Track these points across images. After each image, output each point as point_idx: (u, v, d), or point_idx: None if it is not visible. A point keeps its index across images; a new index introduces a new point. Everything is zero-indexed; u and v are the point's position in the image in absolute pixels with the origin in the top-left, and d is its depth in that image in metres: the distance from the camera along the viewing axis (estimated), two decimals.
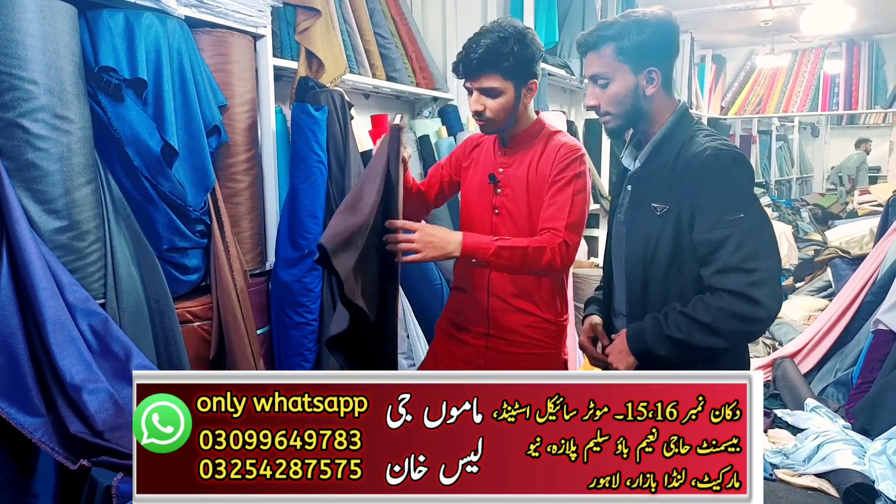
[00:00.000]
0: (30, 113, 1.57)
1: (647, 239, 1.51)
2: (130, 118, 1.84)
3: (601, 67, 1.52)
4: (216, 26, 2.17)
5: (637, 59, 1.49)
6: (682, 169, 1.46)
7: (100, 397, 1.53)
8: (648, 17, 1.49)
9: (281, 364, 2.56)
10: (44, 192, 1.61)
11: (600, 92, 1.54)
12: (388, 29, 3.15)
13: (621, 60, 1.50)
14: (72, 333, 1.58)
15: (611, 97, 1.53)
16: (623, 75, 1.51)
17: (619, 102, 1.53)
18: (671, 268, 1.49)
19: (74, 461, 1.48)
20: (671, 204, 1.48)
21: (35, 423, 1.50)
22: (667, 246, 1.48)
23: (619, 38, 1.49)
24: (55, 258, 1.62)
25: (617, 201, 1.70)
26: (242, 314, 2.14)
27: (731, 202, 1.40)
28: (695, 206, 1.44)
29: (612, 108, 1.54)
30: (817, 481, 2.91)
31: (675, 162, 1.49)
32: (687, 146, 1.49)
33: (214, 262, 2.11)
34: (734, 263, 1.38)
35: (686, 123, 1.55)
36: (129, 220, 1.87)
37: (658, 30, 1.49)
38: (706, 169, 1.42)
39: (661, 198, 1.50)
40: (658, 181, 1.52)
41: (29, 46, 1.56)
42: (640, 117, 1.55)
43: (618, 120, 1.55)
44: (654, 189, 1.52)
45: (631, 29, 1.48)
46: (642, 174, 1.57)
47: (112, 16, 1.83)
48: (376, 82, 3.02)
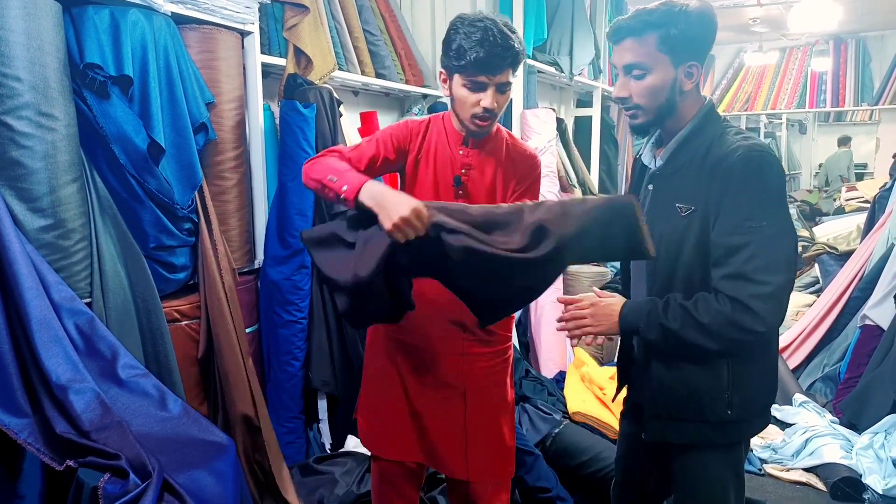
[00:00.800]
0: (14, 110, 1.55)
1: (670, 240, 1.46)
2: (116, 115, 1.82)
3: (640, 57, 1.42)
4: (203, 23, 2.15)
5: (680, 51, 1.41)
6: (710, 169, 1.40)
7: (86, 397, 1.52)
8: (692, 7, 1.40)
9: (270, 362, 2.55)
10: (28, 191, 1.59)
11: (634, 83, 1.44)
12: (376, 26, 3.14)
13: (663, 51, 1.41)
14: (57, 333, 1.56)
15: (646, 89, 1.44)
16: (663, 67, 1.42)
17: (654, 96, 1.44)
18: (696, 270, 1.44)
19: (60, 462, 1.46)
20: (697, 205, 1.42)
21: (20, 423, 1.48)
22: (691, 248, 1.44)
23: (664, 27, 1.39)
24: (40, 257, 1.60)
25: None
26: (231, 313, 2.13)
27: (754, 208, 1.35)
28: (719, 208, 1.39)
29: (645, 102, 1.45)
30: (805, 475, 2.93)
31: (704, 161, 1.43)
32: (717, 145, 1.43)
33: (202, 261, 2.09)
34: (745, 272, 1.34)
35: (714, 121, 1.49)
36: (115, 219, 1.86)
37: (702, 22, 1.42)
38: (734, 170, 1.36)
39: (686, 198, 1.44)
40: (683, 180, 1.46)
41: (12, 43, 1.54)
42: (671, 113, 1.48)
43: (648, 115, 1.47)
44: (678, 188, 1.47)
45: (678, 18, 1.39)
46: (665, 172, 1.51)
47: (97, 12, 1.81)
48: (365, 79, 3.01)
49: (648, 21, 1.40)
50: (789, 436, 3.19)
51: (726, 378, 1.46)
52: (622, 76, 1.46)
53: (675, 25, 1.39)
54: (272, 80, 2.66)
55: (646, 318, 1.44)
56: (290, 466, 2.32)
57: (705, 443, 1.51)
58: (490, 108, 1.65)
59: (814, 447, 3.02)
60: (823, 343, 4.01)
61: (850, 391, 3.44)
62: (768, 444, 3.18)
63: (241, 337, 2.18)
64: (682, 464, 1.56)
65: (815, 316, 4.09)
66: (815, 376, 3.89)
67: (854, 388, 3.42)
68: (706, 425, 1.49)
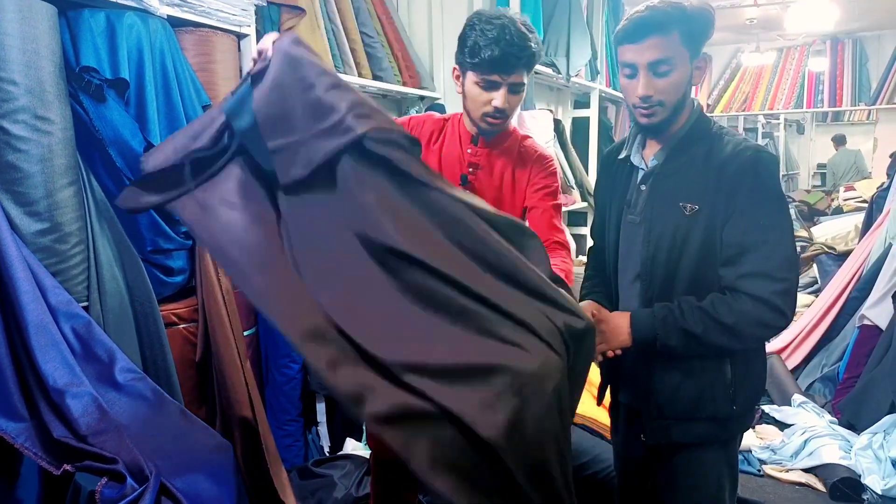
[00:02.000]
0: (9, 114, 1.55)
1: (672, 239, 1.46)
2: (112, 118, 1.81)
3: (667, 52, 1.40)
4: (199, 25, 2.15)
5: (695, 46, 1.43)
6: (718, 169, 1.42)
7: (83, 401, 1.51)
8: (696, 4, 1.42)
9: (268, 365, 2.55)
10: (25, 195, 1.58)
11: (659, 80, 1.42)
12: (373, 28, 3.14)
13: (685, 46, 1.41)
14: (54, 337, 1.55)
15: (671, 85, 1.42)
16: (685, 62, 1.43)
17: (677, 91, 1.44)
18: (699, 269, 1.46)
19: (58, 466, 1.46)
20: (702, 204, 1.43)
21: (17, 427, 1.47)
22: (695, 247, 1.45)
23: (686, 22, 1.40)
24: (37, 261, 1.60)
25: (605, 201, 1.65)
26: (228, 316, 2.12)
27: (768, 208, 1.40)
28: (730, 207, 1.40)
29: (669, 98, 1.44)
30: (805, 476, 2.93)
31: (707, 160, 1.44)
32: (718, 145, 1.45)
33: (199, 264, 2.09)
34: (766, 270, 1.37)
35: (706, 120, 1.51)
36: (112, 222, 1.85)
37: (708, 18, 1.44)
38: (747, 171, 1.40)
39: (690, 197, 1.45)
40: (685, 179, 1.47)
41: (8, 46, 1.53)
42: (682, 109, 1.48)
43: (667, 112, 1.45)
44: (680, 187, 1.47)
45: (693, 14, 1.40)
46: (664, 171, 1.50)
47: (93, 15, 1.80)
48: (362, 81, 3.01)
49: (672, 16, 1.39)
50: (788, 436, 3.19)
51: (730, 374, 1.49)
52: (644, 74, 1.42)
53: (694, 22, 1.41)
54: None
55: (662, 324, 1.44)
56: (288, 469, 2.31)
57: (710, 439, 1.53)
58: (502, 108, 1.64)
59: (813, 448, 3.02)
60: (822, 343, 4.01)
61: (849, 391, 3.44)
62: (767, 445, 3.17)
63: (240, 340, 2.17)
64: (683, 461, 1.57)
65: (814, 316, 4.09)
66: (813, 377, 3.89)
67: (853, 388, 3.42)
68: (713, 422, 1.51)
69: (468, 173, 1.75)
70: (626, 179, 1.60)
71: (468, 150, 1.76)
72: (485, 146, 1.76)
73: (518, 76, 1.64)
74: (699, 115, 1.50)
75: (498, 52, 1.58)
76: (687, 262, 1.46)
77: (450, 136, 1.80)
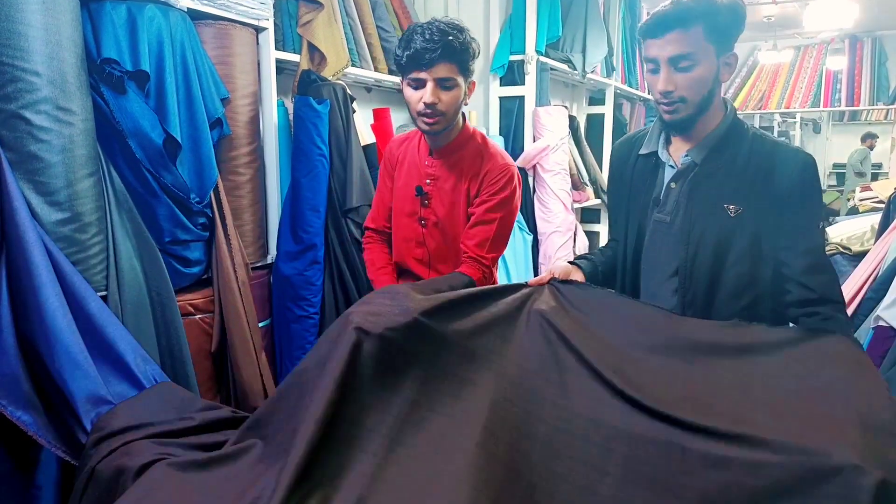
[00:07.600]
0: (32, 105, 1.57)
1: (717, 241, 1.45)
2: (133, 110, 1.83)
3: (688, 47, 1.37)
4: (219, 19, 2.17)
5: (722, 40, 1.40)
6: (766, 171, 1.42)
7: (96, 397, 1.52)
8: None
9: (283, 356, 2.57)
10: (46, 184, 1.61)
11: (681, 75, 1.40)
12: (390, 22, 3.14)
13: (710, 41, 1.38)
14: (71, 328, 1.57)
15: (693, 81, 1.40)
16: (709, 58, 1.39)
17: (701, 87, 1.41)
18: (744, 269, 1.46)
19: (75, 456, 1.48)
20: (748, 206, 1.43)
21: (33, 417, 1.49)
22: (744, 248, 1.45)
23: (709, 16, 1.37)
24: (58, 249, 1.61)
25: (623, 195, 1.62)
26: (244, 307, 2.14)
27: (819, 210, 1.47)
28: (784, 210, 1.42)
29: (693, 94, 1.41)
30: None
31: (749, 161, 1.44)
32: (758, 145, 1.45)
33: (216, 255, 2.11)
34: (826, 265, 1.46)
35: (740, 119, 1.50)
36: (131, 213, 1.87)
37: (737, 12, 1.41)
38: (804, 175, 1.42)
39: (734, 198, 1.44)
40: (727, 180, 1.45)
41: (31, 38, 1.55)
42: (708, 107, 1.45)
43: (690, 109, 1.42)
44: (722, 188, 1.46)
45: (720, 8, 1.37)
46: (703, 171, 1.48)
47: (115, 7, 1.82)
48: (378, 76, 3.02)
49: (695, 11, 1.37)
50: None
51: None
52: (665, 69, 1.41)
53: (719, 16, 1.38)
54: (286, 76, 2.67)
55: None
56: None
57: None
58: (431, 103, 1.64)
59: None
60: None
61: None
62: None
63: (254, 331, 2.19)
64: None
65: None
66: None
67: None
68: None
69: (424, 185, 1.79)
70: (651, 176, 1.57)
71: (426, 162, 1.81)
72: (440, 157, 1.78)
73: (444, 70, 1.64)
74: (734, 112, 1.49)
75: (413, 49, 1.62)
76: (734, 263, 1.45)
77: (411, 149, 1.85)
